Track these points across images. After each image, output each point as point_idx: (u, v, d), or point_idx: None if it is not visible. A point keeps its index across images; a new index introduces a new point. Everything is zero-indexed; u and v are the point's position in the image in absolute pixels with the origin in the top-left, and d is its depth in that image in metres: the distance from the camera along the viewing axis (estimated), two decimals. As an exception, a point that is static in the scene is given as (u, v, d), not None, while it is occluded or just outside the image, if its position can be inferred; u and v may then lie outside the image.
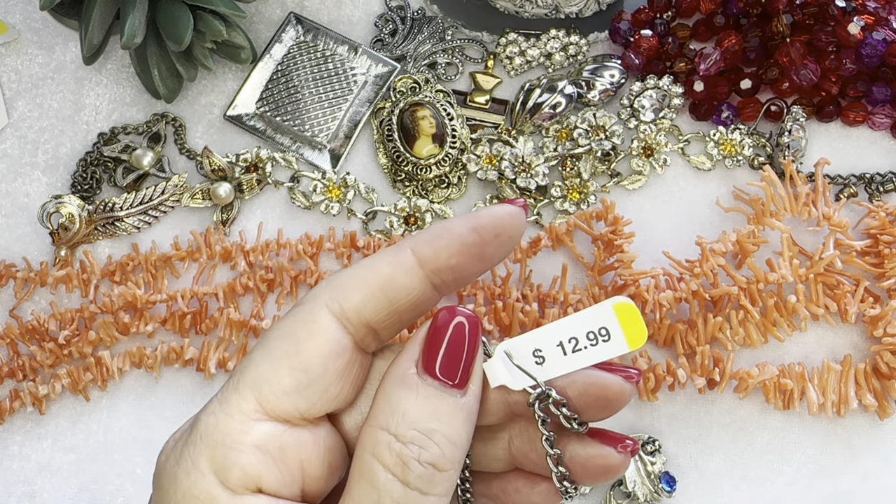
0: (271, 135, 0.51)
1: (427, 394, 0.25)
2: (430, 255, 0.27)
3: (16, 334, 0.48)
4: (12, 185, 0.51)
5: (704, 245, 0.46)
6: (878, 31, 0.47)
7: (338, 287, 0.26)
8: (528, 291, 0.47)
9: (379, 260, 0.27)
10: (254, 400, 0.25)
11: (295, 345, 0.26)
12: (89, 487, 0.47)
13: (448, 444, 0.25)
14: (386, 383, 0.26)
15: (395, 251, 0.27)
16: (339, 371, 0.26)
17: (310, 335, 0.26)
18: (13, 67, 0.53)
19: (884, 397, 0.45)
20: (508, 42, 0.52)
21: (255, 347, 0.27)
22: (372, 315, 0.26)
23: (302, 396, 0.26)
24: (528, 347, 0.27)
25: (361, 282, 0.26)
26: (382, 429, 0.25)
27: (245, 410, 0.25)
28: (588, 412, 0.27)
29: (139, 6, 0.44)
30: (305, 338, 0.26)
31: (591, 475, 0.28)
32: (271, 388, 0.25)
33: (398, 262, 0.27)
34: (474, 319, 0.26)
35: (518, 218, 0.27)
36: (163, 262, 0.49)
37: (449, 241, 0.27)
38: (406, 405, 0.25)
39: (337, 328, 0.26)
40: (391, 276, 0.26)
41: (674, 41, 0.50)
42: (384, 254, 0.27)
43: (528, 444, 0.28)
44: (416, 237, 0.27)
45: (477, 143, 0.50)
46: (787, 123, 0.49)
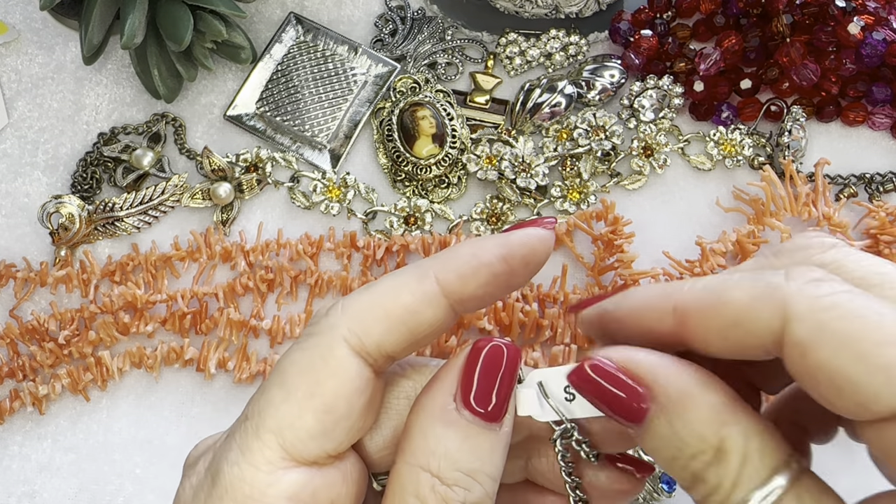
0: (271, 135, 0.51)
1: (468, 432, 0.24)
2: (457, 286, 0.25)
3: (16, 334, 0.48)
4: (12, 185, 0.51)
5: (704, 245, 0.46)
6: (878, 31, 0.47)
7: (356, 318, 0.25)
8: (528, 291, 0.47)
9: (400, 287, 0.25)
10: (278, 447, 0.24)
11: (316, 384, 0.24)
12: (89, 487, 0.47)
13: (490, 481, 0.24)
14: (422, 418, 0.24)
15: (417, 277, 0.25)
16: (363, 406, 0.25)
17: (331, 373, 0.24)
18: (13, 67, 0.53)
19: (884, 397, 0.45)
20: (508, 42, 0.52)
21: (271, 384, 0.25)
22: (392, 348, 0.25)
23: (328, 438, 0.24)
24: (560, 381, 0.26)
25: (382, 314, 0.25)
26: (424, 470, 0.24)
27: (271, 459, 0.24)
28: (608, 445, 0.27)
29: (139, 6, 0.44)
30: (327, 376, 0.24)
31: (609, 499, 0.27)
32: (296, 433, 0.24)
33: (422, 293, 0.25)
34: (514, 351, 0.25)
35: (548, 242, 0.26)
36: (163, 262, 0.49)
37: (478, 271, 0.25)
38: (448, 444, 0.24)
39: (358, 364, 0.25)
40: (414, 308, 0.25)
41: (674, 41, 0.50)
42: (405, 278, 0.25)
43: (544, 464, 0.28)
44: (442, 263, 0.25)
45: (477, 143, 0.50)
46: (787, 123, 0.49)
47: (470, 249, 0.26)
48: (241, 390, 0.48)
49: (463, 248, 0.26)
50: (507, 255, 0.25)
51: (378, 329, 0.25)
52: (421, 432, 0.24)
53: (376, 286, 0.25)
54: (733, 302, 0.22)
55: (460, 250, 0.26)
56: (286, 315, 0.48)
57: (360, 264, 0.49)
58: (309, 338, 0.25)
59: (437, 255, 0.26)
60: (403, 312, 0.25)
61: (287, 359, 0.25)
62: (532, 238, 0.26)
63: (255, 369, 0.47)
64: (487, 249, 0.25)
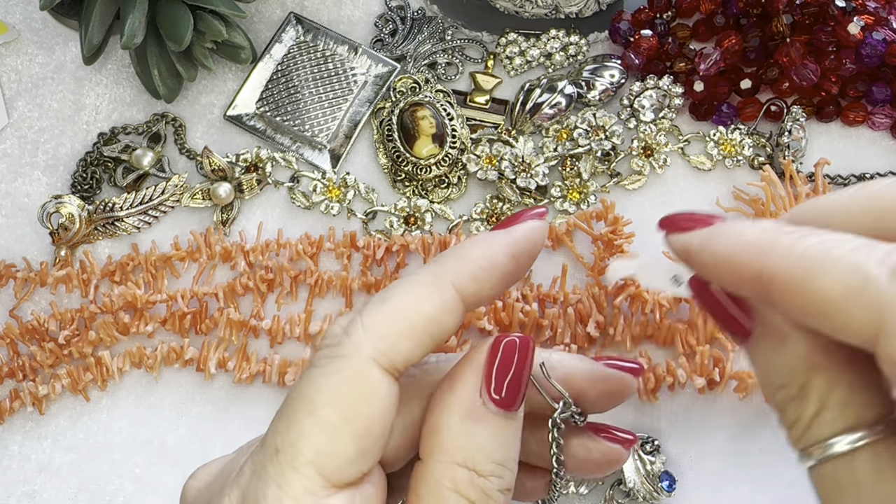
0: (271, 135, 0.51)
1: (496, 424, 0.25)
2: (473, 290, 0.25)
3: (16, 334, 0.48)
4: (12, 185, 0.51)
5: (704, 245, 0.46)
6: (878, 31, 0.47)
7: (383, 337, 0.24)
8: (528, 291, 0.47)
9: (421, 298, 0.25)
10: (317, 476, 0.24)
11: (350, 410, 0.24)
12: (89, 487, 0.47)
13: (515, 464, 0.25)
14: (450, 416, 0.25)
15: (435, 286, 0.25)
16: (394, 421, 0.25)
17: (365, 398, 0.24)
18: (13, 67, 0.53)
19: (884, 397, 0.45)
20: (508, 42, 0.52)
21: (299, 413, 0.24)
22: (417, 359, 0.25)
23: (366, 459, 0.24)
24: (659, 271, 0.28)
25: (408, 328, 0.25)
26: (461, 465, 0.24)
27: (312, 489, 0.24)
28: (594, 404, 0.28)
29: (139, 6, 0.44)
30: (360, 401, 0.24)
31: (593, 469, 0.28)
32: (335, 461, 0.24)
33: (443, 302, 0.25)
34: (526, 341, 0.26)
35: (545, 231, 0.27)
36: (163, 262, 0.49)
37: (491, 273, 0.26)
38: (480, 440, 0.25)
39: (389, 384, 0.25)
40: (437, 318, 0.25)
41: (674, 41, 0.50)
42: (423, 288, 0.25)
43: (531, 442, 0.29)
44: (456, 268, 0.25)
45: (477, 143, 0.50)
46: (787, 123, 0.49)
47: (480, 251, 0.26)
48: (241, 390, 0.48)
49: (472, 249, 0.26)
50: (515, 252, 0.26)
51: (406, 345, 0.25)
52: (449, 430, 0.25)
53: (393, 298, 0.25)
54: (823, 290, 0.20)
55: (471, 252, 0.26)
56: (286, 315, 0.48)
57: (360, 264, 0.49)
58: (332, 361, 0.25)
59: (445, 259, 0.26)
60: (428, 324, 0.25)
61: (311, 385, 0.25)
62: (535, 231, 0.26)
63: (255, 369, 0.47)
64: (497, 249, 0.26)
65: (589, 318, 0.46)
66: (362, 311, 0.25)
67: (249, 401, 0.48)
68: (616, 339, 0.46)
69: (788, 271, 0.21)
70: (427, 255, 0.47)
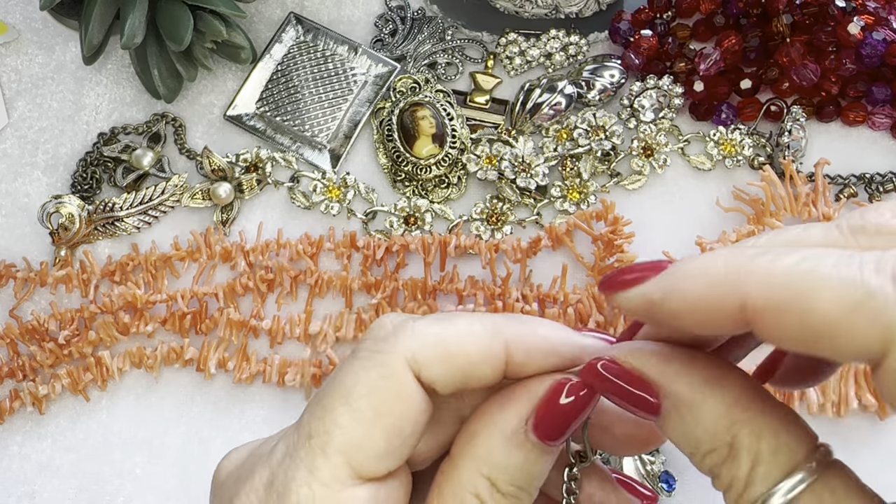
0: (271, 135, 0.51)
1: (531, 453, 0.25)
2: (520, 361, 0.25)
3: (16, 334, 0.48)
4: (12, 185, 0.51)
5: (704, 245, 0.46)
6: (878, 31, 0.47)
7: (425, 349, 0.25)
8: (528, 291, 0.47)
9: (472, 336, 0.25)
10: (346, 465, 0.24)
11: (385, 405, 0.24)
12: (89, 487, 0.47)
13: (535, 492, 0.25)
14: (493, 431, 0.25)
15: (491, 333, 0.25)
16: (425, 427, 0.26)
17: (399, 397, 0.24)
18: (13, 67, 0.53)
19: (884, 397, 0.45)
20: (508, 42, 0.52)
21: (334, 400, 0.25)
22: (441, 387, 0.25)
23: (394, 457, 0.25)
24: None
25: (446, 355, 0.25)
26: (485, 477, 0.25)
27: (340, 478, 0.24)
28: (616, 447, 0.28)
29: (139, 6, 0.44)
30: (395, 399, 0.24)
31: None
32: (365, 453, 0.24)
33: (489, 352, 0.25)
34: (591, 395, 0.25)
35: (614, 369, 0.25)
36: (163, 262, 0.49)
37: (545, 360, 0.25)
38: (512, 461, 0.25)
39: (421, 391, 0.25)
40: (477, 361, 0.25)
41: (674, 41, 0.50)
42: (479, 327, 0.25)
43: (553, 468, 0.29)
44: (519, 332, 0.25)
45: (477, 143, 0.50)
46: (787, 123, 0.49)
47: (549, 333, 0.26)
48: (241, 390, 0.48)
49: (543, 328, 0.26)
50: (579, 358, 0.25)
51: (437, 369, 0.25)
52: (487, 444, 0.25)
53: (451, 323, 0.25)
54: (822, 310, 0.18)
55: (539, 329, 0.26)
56: (286, 315, 0.48)
57: (360, 264, 0.49)
58: (373, 355, 0.25)
59: (514, 319, 0.26)
60: (465, 362, 0.25)
61: (350, 375, 0.25)
62: (605, 352, 0.25)
63: (255, 369, 0.47)
64: (564, 344, 0.26)
65: (589, 318, 0.46)
66: (418, 319, 0.26)
67: (249, 401, 0.48)
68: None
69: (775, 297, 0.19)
70: (427, 255, 0.47)
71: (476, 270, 0.48)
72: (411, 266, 0.49)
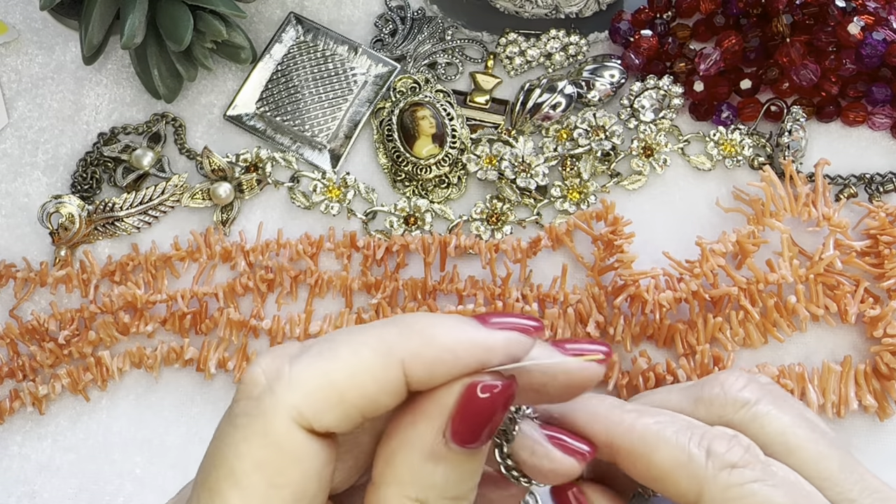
0: (271, 135, 0.51)
1: (457, 461, 0.23)
2: (423, 379, 0.23)
3: (16, 334, 0.48)
4: (12, 185, 0.51)
5: (704, 245, 0.46)
6: (878, 31, 0.47)
7: (307, 398, 0.22)
8: (528, 291, 0.47)
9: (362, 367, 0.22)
10: None
11: (280, 477, 0.22)
12: (89, 487, 0.47)
13: (473, 494, 0.24)
14: (410, 451, 0.23)
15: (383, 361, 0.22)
16: (331, 474, 0.23)
17: (293, 462, 0.22)
18: (13, 67, 0.53)
19: (884, 398, 0.45)
20: (508, 42, 0.52)
21: (221, 482, 0.22)
22: (342, 430, 0.23)
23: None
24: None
25: (337, 398, 0.22)
26: (414, 499, 0.23)
27: None
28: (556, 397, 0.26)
29: (139, 6, 0.44)
30: (289, 466, 0.22)
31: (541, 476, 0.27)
32: None
33: (386, 381, 0.22)
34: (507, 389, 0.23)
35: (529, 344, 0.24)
36: (163, 262, 0.49)
37: (451, 371, 0.23)
38: (437, 478, 0.23)
39: (318, 444, 0.22)
40: (373, 396, 0.22)
41: (674, 41, 0.50)
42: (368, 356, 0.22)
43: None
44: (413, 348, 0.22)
45: (477, 143, 0.50)
46: (787, 123, 0.49)
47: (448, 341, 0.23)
48: (241, 390, 0.48)
49: (440, 333, 0.23)
50: (486, 361, 0.23)
51: (331, 416, 0.22)
52: (406, 464, 0.23)
53: (333, 355, 0.22)
54: (658, 463, 0.25)
55: (437, 337, 0.23)
56: (286, 315, 0.48)
57: (360, 264, 0.49)
58: (252, 421, 0.22)
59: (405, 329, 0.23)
60: (361, 399, 0.22)
61: (231, 448, 0.22)
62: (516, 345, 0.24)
63: (255, 369, 0.47)
64: (467, 350, 0.23)
65: (589, 318, 0.46)
66: (294, 361, 0.22)
67: (249, 401, 0.48)
68: (616, 339, 0.46)
69: (630, 446, 0.26)
70: (427, 255, 0.47)
71: (476, 270, 0.48)
72: (411, 266, 0.49)
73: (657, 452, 0.25)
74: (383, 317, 0.47)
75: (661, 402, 0.28)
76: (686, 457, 0.25)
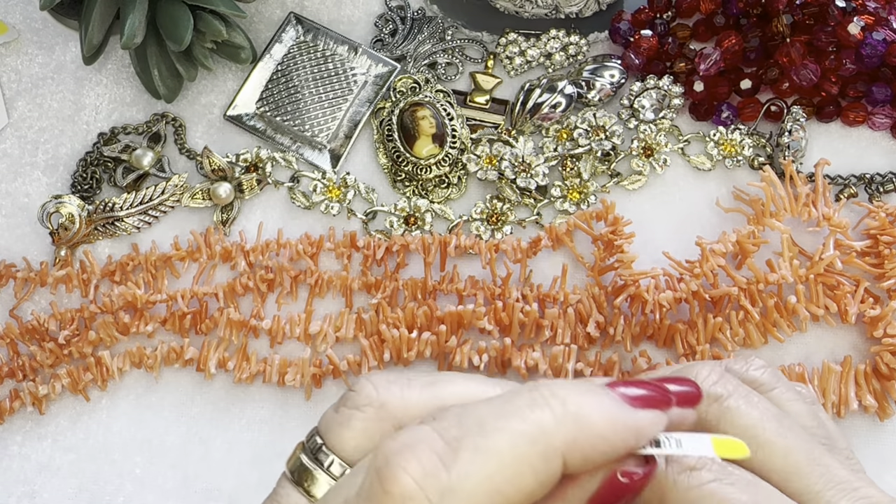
0: (271, 135, 0.51)
1: None
2: (578, 468, 0.22)
3: (16, 334, 0.48)
4: (12, 185, 0.51)
5: (704, 245, 0.46)
6: (878, 31, 0.47)
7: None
8: (528, 291, 0.47)
9: (523, 465, 0.21)
10: None
11: None
12: (89, 487, 0.47)
13: None
14: None
15: (544, 454, 0.21)
16: None
17: None
18: (13, 67, 0.53)
19: (884, 398, 0.45)
20: (508, 42, 0.52)
21: None
22: None
23: None
24: None
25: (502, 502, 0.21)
26: None
27: None
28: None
29: (139, 6, 0.44)
30: None
31: None
32: None
33: (547, 476, 0.21)
34: (649, 476, 0.23)
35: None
36: (163, 262, 0.49)
37: (606, 459, 0.22)
38: None
39: None
40: (533, 492, 0.21)
41: (674, 41, 0.50)
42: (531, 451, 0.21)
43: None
44: (572, 436, 0.22)
45: (477, 143, 0.50)
46: (787, 123, 0.49)
47: (602, 429, 0.22)
48: (241, 390, 0.48)
49: (594, 417, 0.22)
50: (634, 447, 0.23)
51: None
52: None
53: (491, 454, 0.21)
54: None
55: (593, 424, 0.22)
56: (286, 315, 0.48)
57: (360, 264, 0.49)
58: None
59: (561, 414, 0.22)
60: (520, 496, 0.21)
61: None
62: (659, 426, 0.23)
63: (255, 369, 0.47)
64: (619, 436, 0.22)
65: (589, 318, 0.46)
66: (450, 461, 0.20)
67: (249, 401, 0.48)
68: (616, 339, 0.46)
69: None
70: (427, 255, 0.47)
71: (476, 270, 0.48)
72: (411, 266, 0.49)
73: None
74: (383, 316, 0.47)
75: None
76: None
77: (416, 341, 0.46)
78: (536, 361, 0.46)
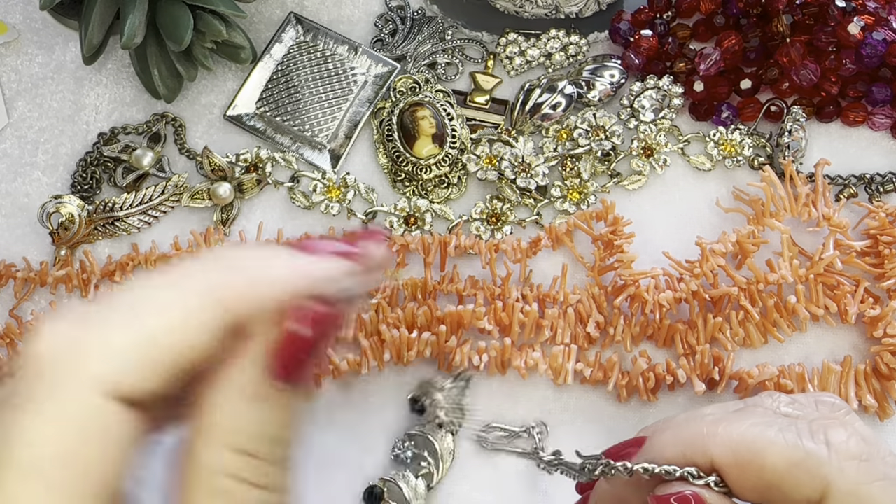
0: (271, 135, 0.51)
1: (283, 402, 0.22)
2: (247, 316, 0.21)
3: (16, 334, 0.48)
4: (12, 185, 0.51)
5: (704, 245, 0.46)
6: (878, 31, 0.47)
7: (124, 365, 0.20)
8: (528, 291, 0.47)
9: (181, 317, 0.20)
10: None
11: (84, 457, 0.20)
12: (89, 487, 0.47)
13: (295, 440, 0.23)
14: (233, 400, 0.22)
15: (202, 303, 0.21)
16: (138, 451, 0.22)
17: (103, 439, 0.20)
18: (13, 67, 0.53)
19: (884, 398, 0.45)
20: (508, 42, 0.51)
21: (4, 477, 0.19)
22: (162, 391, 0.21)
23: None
24: None
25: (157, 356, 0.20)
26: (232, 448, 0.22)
27: None
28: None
29: (139, 6, 0.44)
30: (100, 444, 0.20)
31: None
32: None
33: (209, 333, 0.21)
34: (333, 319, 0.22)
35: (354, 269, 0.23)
36: (163, 262, 0.49)
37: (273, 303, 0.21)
38: (257, 418, 0.22)
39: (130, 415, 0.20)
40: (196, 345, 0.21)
41: (674, 41, 0.50)
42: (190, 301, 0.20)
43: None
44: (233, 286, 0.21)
45: (477, 143, 0.50)
46: (787, 123, 0.49)
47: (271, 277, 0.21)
48: (241, 390, 0.48)
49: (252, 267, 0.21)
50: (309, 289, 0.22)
51: (152, 378, 0.20)
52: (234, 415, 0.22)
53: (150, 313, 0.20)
54: (771, 467, 0.24)
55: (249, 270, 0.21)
56: (286, 315, 0.48)
57: (360, 264, 0.48)
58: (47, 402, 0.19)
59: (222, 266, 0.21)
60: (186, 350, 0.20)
61: (20, 437, 0.19)
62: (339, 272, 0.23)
63: (255, 369, 0.47)
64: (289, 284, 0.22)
65: (589, 318, 0.46)
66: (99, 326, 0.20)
67: (249, 401, 0.48)
68: (616, 339, 0.46)
69: (734, 457, 0.24)
70: (427, 255, 0.47)
71: (476, 270, 0.48)
72: (411, 266, 0.49)
73: (766, 456, 0.24)
74: (383, 317, 0.47)
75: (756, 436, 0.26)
76: (802, 453, 0.23)
77: (416, 341, 0.46)
78: (536, 361, 0.46)
